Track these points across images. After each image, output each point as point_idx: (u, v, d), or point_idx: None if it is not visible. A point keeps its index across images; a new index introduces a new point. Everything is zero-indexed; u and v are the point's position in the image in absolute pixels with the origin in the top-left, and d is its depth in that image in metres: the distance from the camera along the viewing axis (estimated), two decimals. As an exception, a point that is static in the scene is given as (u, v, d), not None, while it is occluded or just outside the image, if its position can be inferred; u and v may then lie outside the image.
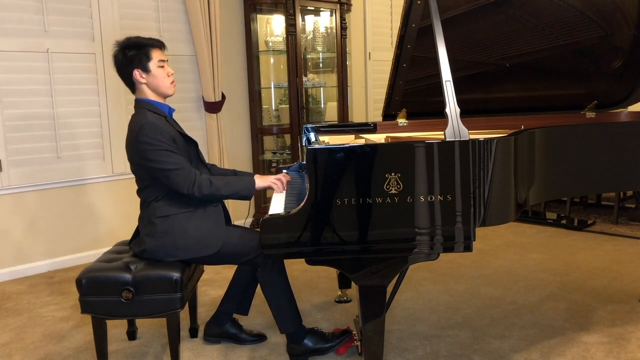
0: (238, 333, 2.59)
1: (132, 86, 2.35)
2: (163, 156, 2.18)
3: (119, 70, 2.33)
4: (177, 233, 2.26)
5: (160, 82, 2.32)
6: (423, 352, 2.46)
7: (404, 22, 2.44)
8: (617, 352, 2.41)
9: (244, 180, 2.35)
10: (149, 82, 2.31)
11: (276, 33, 4.69)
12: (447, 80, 2.02)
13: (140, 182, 2.33)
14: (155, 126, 2.20)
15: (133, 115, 2.33)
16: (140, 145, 2.19)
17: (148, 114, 2.27)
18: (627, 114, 3.09)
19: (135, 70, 2.29)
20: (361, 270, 1.98)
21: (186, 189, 2.20)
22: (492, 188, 1.96)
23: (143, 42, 2.31)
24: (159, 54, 2.33)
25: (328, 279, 3.41)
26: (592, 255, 3.73)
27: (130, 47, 2.30)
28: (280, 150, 4.96)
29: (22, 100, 3.58)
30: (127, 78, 2.33)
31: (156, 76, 2.31)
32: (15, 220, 3.64)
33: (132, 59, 2.28)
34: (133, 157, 2.29)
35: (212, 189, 2.24)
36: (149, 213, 2.31)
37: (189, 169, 2.23)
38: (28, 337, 2.74)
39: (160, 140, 2.18)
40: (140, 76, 2.30)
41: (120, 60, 2.31)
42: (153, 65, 2.30)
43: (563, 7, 2.61)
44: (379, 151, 1.91)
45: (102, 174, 3.96)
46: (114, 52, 2.33)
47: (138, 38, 2.33)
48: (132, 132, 2.24)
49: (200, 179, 2.23)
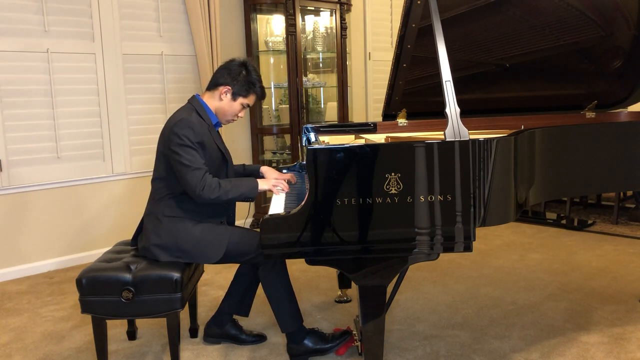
0: (238, 334, 2.59)
1: (213, 87, 2.40)
2: (187, 153, 2.23)
3: (222, 70, 2.40)
4: (181, 237, 2.29)
5: (228, 112, 2.42)
6: (423, 352, 2.46)
7: (404, 22, 2.44)
8: (617, 352, 2.41)
9: (248, 183, 2.36)
10: (223, 103, 2.41)
11: (276, 33, 4.69)
12: (447, 80, 2.02)
13: (157, 172, 2.38)
14: (192, 124, 2.27)
15: (181, 107, 2.40)
16: (171, 135, 2.26)
17: (194, 115, 2.33)
18: (627, 114, 3.09)
19: (227, 87, 2.37)
20: (361, 270, 1.98)
21: (197, 190, 2.22)
22: (492, 188, 1.96)
23: (254, 83, 2.40)
24: (252, 100, 2.44)
25: (328, 279, 3.41)
26: (592, 255, 3.73)
27: (246, 74, 2.38)
28: (280, 150, 4.96)
29: (22, 100, 3.58)
30: (218, 81, 2.39)
31: (232, 107, 2.42)
32: (15, 220, 3.64)
33: (237, 80, 2.37)
34: (161, 145, 2.35)
35: (220, 192, 2.25)
36: (157, 210, 2.34)
37: (204, 172, 2.25)
38: (28, 337, 2.74)
39: (190, 138, 2.24)
40: (225, 94, 2.38)
41: (232, 69, 2.38)
42: (239, 101, 2.41)
43: (563, 7, 2.61)
44: (379, 151, 1.91)
45: (102, 174, 3.96)
46: (237, 58, 2.42)
47: (258, 77, 2.42)
48: (171, 122, 2.32)
49: (210, 182, 2.24)
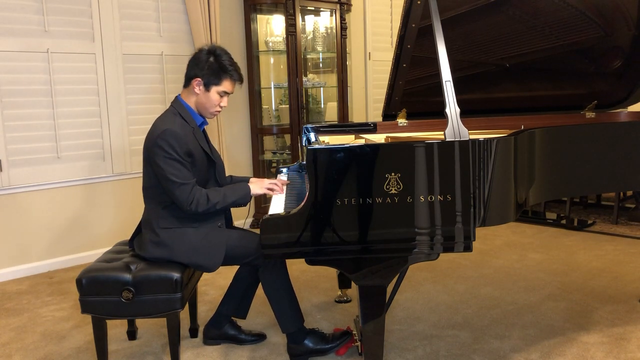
0: (237, 334, 2.59)
1: (187, 82, 2.31)
2: (172, 167, 2.17)
3: (190, 63, 2.30)
4: (179, 247, 2.26)
5: (208, 105, 2.30)
6: (423, 352, 2.46)
7: (404, 22, 2.44)
8: (617, 352, 2.41)
9: (239, 191, 2.32)
10: (199, 97, 2.29)
11: (276, 33, 4.69)
12: (447, 80, 2.02)
13: (146, 181, 2.32)
14: (177, 135, 2.18)
15: (164, 112, 2.32)
16: (156, 149, 2.18)
17: (177, 120, 2.25)
18: (627, 114, 3.09)
19: (197, 79, 2.27)
20: (361, 270, 1.98)
21: (185, 205, 2.19)
22: (492, 188, 1.96)
23: (226, 68, 2.27)
24: (229, 85, 2.30)
25: (328, 279, 3.41)
26: (592, 255, 3.73)
27: (215, 60, 2.26)
28: (280, 150, 4.96)
29: (22, 100, 3.58)
30: (189, 74, 2.30)
31: (209, 99, 2.29)
32: (15, 220, 3.64)
33: (205, 69, 2.25)
34: (146, 154, 2.27)
35: (209, 205, 2.22)
36: (152, 220, 2.29)
37: (192, 186, 2.21)
38: (28, 337, 2.74)
39: (177, 151, 2.17)
40: (198, 87, 2.28)
41: (198, 59, 2.27)
42: (214, 90, 2.28)
43: (563, 7, 2.61)
44: (379, 151, 1.91)
45: (102, 174, 3.96)
46: (203, 46, 2.30)
47: (229, 59, 2.29)
48: (154, 132, 2.22)
49: (199, 197, 2.21)
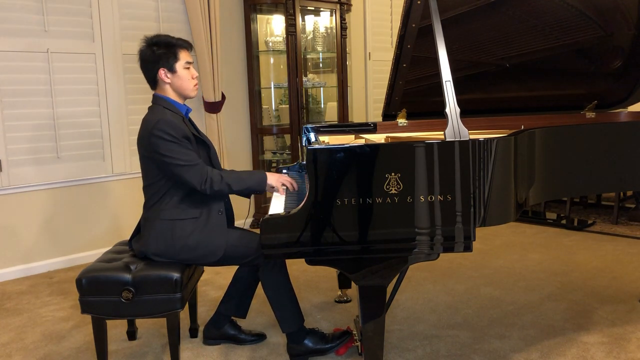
0: (237, 334, 2.58)
1: (154, 83, 2.33)
2: (177, 152, 2.19)
3: (143, 66, 2.31)
4: (179, 239, 2.26)
5: (184, 83, 2.31)
6: (423, 352, 2.46)
7: (404, 22, 2.44)
8: (617, 352, 2.41)
9: (256, 176, 2.33)
10: (173, 82, 2.30)
11: (276, 33, 4.69)
12: (447, 80, 2.02)
13: (147, 179, 2.32)
14: (171, 123, 2.20)
15: (149, 109, 2.32)
16: (154, 139, 2.19)
17: (166, 111, 2.26)
18: (627, 114, 3.09)
19: (161, 70, 2.28)
20: (361, 270, 1.98)
21: (199, 185, 2.21)
22: (492, 188, 1.96)
23: (172, 42, 2.29)
24: (186, 55, 2.31)
25: (328, 279, 3.41)
26: (592, 255, 3.73)
27: (159, 45, 2.27)
28: (280, 150, 4.96)
29: (22, 100, 3.58)
30: (150, 75, 2.31)
31: (181, 77, 2.30)
32: (15, 221, 3.64)
33: (159, 57, 2.26)
34: (144, 151, 2.27)
35: (223, 185, 2.24)
36: (153, 215, 2.30)
37: (202, 165, 2.23)
38: (28, 337, 2.74)
39: (175, 136, 2.18)
40: (166, 76, 2.29)
41: (147, 57, 2.28)
42: (179, 66, 2.29)
43: (563, 7, 2.61)
44: (379, 151, 1.91)
45: (102, 174, 3.96)
46: (140, 47, 2.30)
47: (168, 37, 2.31)
48: (147, 126, 2.23)
49: (213, 174, 2.23)
